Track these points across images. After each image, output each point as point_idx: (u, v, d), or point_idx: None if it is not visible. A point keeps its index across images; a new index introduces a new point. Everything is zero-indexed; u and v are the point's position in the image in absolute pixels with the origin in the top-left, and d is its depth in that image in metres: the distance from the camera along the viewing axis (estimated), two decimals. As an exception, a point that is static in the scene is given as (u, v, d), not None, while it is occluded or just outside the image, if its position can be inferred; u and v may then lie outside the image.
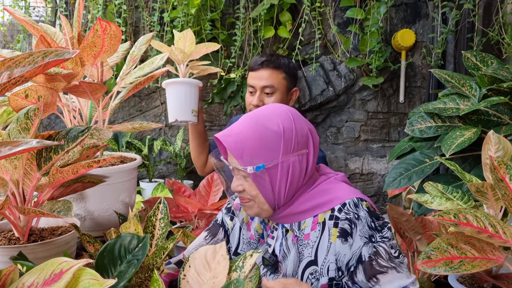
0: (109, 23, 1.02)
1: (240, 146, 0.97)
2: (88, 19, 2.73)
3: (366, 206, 0.96)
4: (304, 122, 1.02)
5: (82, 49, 1.07)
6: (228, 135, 0.99)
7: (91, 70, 1.27)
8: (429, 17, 3.05)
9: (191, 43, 1.61)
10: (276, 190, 0.98)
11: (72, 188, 1.04)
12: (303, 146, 0.99)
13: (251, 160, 0.96)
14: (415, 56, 3.14)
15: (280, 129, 0.97)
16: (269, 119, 0.99)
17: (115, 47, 1.13)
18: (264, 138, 0.96)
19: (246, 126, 0.99)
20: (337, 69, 3.12)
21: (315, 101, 3.11)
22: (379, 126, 3.27)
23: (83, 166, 0.92)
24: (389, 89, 3.20)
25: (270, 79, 1.64)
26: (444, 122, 1.47)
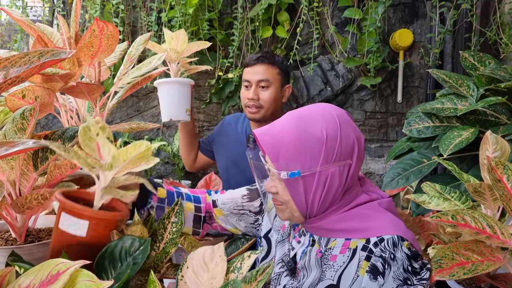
0: (106, 23, 1.02)
1: (276, 148, 0.89)
2: (85, 19, 2.73)
3: (407, 246, 0.86)
4: (352, 129, 0.91)
5: (79, 49, 1.07)
6: (266, 134, 0.91)
7: (89, 70, 1.26)
8: (427, 17, 3.05)
9: (184, 42, 1.61)
10: (310, 200, 0.91)
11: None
12: (346, 156, 0.89)
13: (287, 164, 0.89)
14: (413, 56, 3.14)
15: (323, 136, 0.88)
16: (313, 122, 0.89)
17: (113, 47, 1.12)
18: (304, 143, 0.87)
19: (286, 126, 0.90)
20: (335, 69, 3.12)
21: (313, 101, 3.11)
22: (377, 126, 3.27)
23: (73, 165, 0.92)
24: (387, 89, 3.20)
25: (265, 74, 1.69)
26: (442, 122, 1.47)
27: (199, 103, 3.21)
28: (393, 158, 1.79)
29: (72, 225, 0.82)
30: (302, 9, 2.70)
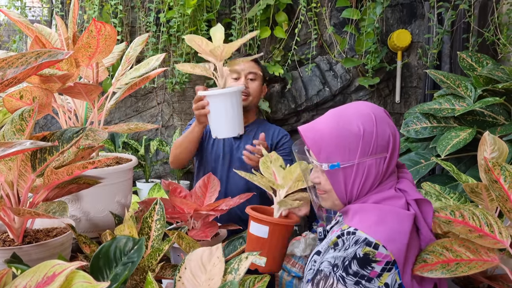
0: (104, 24, 1.02)
1: (318, 143, 0.98)
2: (84, 19, 2.73)
3: (365, 251, 0.88)
4: (387, 125, 0.98)
5: (77, 50, 1.07)
6: (309, 131, 1.00)
7: (87, 71, 1.26)
8: (424, 17, 3.05)
9: (221, 38, 1.35)
10: (349, 189, 0.99)
11: (67, 190, 1.03)
12: (382, 149, 0.97)
13: (328, 157, 0.97)
14: (411, 56, 3.15)
15: (360, 131, 0.95)
16: (351, 119, 0.97)
17: (110, 47, 1.12)
18: (343, 138, 0.96)
19: (327, 123, 0.99)
20: (333, 69, 3.12)
21: (311, 101, 3.11)
22: (375, 126, 3.27)
23: (78, 167, 0.92)
24: (385, 89, 3.20)
25: (253, 68, 1.83)
26: (439, 122, 1.47)
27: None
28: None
29: (257, 230, 1.12)
30: (300, 9, 2.70)
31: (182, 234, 1.22)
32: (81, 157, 1.05)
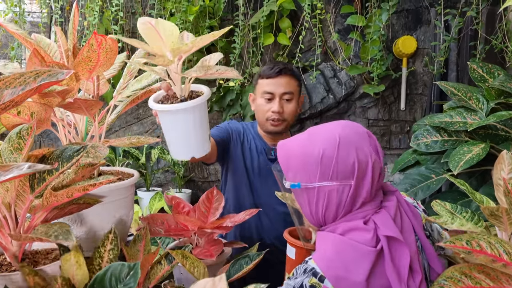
0: (104, 37, 0.99)
1: (286, 160, 0.98)
2: (84, 26, 2.70)
3: (311, 283, 0.87)
4: (354, 150, 0.91)
5: (77, 64, 1.03)
6: (281, 147, 1.01)
7: (87, 84, 1.23)
8: (430, 23, 3.03)
9: (175, 35, 1.01)
10: (313, 212, 0.97)
11: (67, 210, 1.00)
12: (345, 176, 0.92)
13: (294, 176, 0.97)
14: (416, 63, 3.12)
15: (319, 154, 0.92)
16: (316, 140, 0.94)
17: (111, 60, 1.09)
18: (305, 159, 0.94)
19: (298, 141, 0.98)
20: (338, 76, 3.09)
21: (315, 109, 3.08)
22: (380, 134, 3.24)
23: (78, 189, 0.89)
24: (390, 96, 3.17)
25: (289, 86, 1.67)
26: (450, 136, 1.44)
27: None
28: (399, 171, 1.76)
29: (290, 251, 1.24)
30: (305, 16, 2.67)
31: (186, 253, 1.19)
32: (81, 176, 1.02)
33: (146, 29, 1.00)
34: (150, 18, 1.00)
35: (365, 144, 0.94)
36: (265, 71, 1.69)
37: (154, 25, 0.99)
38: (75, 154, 0.97)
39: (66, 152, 0.97)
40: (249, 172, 1.73)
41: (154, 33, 1.00)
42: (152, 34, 1.00)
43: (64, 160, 0.96)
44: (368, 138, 0.96)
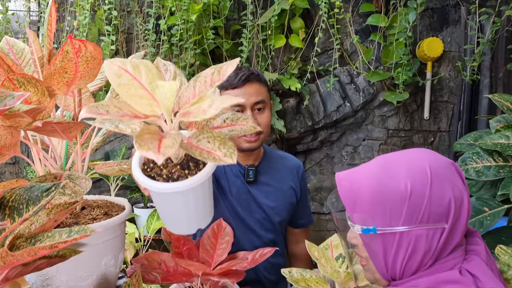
0: (84, 42, 0.79)
1: (353, 197, 0.82)
2: (74, 26, 2.50)
3: None
4: (449, 185, 0.78)
5: (49, 76, 0.83)
6: (345, 179, 0.84)
7: (67, 99, 1.03)
8: (458, 24, 2.82)
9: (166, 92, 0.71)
10: (390, 263, 0.81)
11: (33, 267, 0.79)
12: (438, 218, 0.77)
13: (363, 218, 0.81)
14: (442, 67, 2.91)
15: (407, 191, 0.77)
16: (398, 172, 0.78)
17: (95, 71, 0.89)
18: (383, 196, 0.78)
19: (368, 173, 0.82)
20: (355, 82, 2.88)
21: (330, 118, 2.87)
22: (401, 145, 3.03)
23: (44, 248, 0.68)
24: (413, 104, 2.96)
25: (259, 94, 1.46)
26: (506, 161, 1.23)
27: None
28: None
29: None
30: (322, 15, 2.46)
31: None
32: (54, 221, 0.82)
33: (121, 83, 0.67)
34: (121, 61, 0.68)
35: (456, 177, 0.80)
36: (229, 80, 1.46)
37: (131, 72, 0.69)
38: (44, 194, 0.76)
39: (33, 191, 0.77)
40: (230, 200, 1.50)
41: (135, 87, 0.68)
42: (131, 90, 0.68)
43: (30, 203, 0.76)
44: (455, 169, 0.82)
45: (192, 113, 0.68)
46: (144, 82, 0.70)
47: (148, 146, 0.63)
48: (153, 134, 0.67)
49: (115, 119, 0.66)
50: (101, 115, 0.66)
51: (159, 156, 0.61)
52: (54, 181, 0.89)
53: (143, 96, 0.69)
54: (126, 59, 0.72)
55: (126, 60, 0.71)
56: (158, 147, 0.63)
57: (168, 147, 0.63)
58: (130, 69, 0.69)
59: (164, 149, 0.63)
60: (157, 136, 0.67)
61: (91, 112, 0.65)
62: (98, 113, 0.66)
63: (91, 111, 0.65)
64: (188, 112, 0.70)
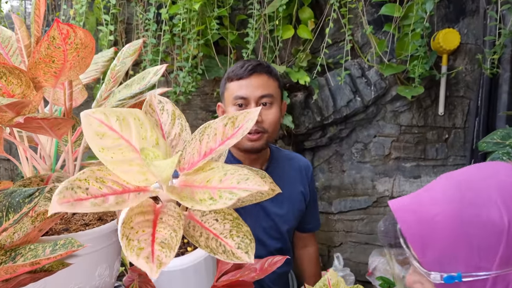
0: (73, 27, 0.70)
1: (424, 233, 0.63)
2: (70, 15, 2.41)
3: None
4: None
5: (34, 65, 0.75)
6: (409, 209, 0.65)
7: (56, 93, 0.94)
8: (475, 14, 2.72)
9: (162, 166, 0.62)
10: None
11: (15, 283, 0.71)
12: None
13: (440, 261, 0.63)
14: (457, 60, 2.81)
15: (503, 222, 0.60)
16: (485, 197, 0.61)
17: (87, 60, 0.81)
18: (470, 229, 0.61)
19: (443, 202, 0.64)
20: (366, 76, 2.79)
21: (340, 114, 2.78)
22: (414, 142, 2.94)
23: (24, 265, 0.60)
24: (427, 99, 2.86)
25: (267, 87, 1.36)
26: (541, 161, 1.14)
27: (206, 114, 2.89)
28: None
29: None
30: (333, 4, 2.36)
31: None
32: (38, 230, 0.73)
33: (104, 147, 0.55)
34: (103, 113, 0.57)
35: None
36: (234, 70, 1.38)
37: (117, 130, 0.56)
38: (26, 200, 0.68)
39: (14, 197, 0.69)
40: (235, 209, 1.41)
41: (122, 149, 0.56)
42: (118, 155, 0.56)
43: (10, 210, 0.68)
44: None
45: (196, 190, 0.53)
46: (134, 142, 0.56)
47: (139, 247, 0.47)
48: (146, 213, 0.53)
49: (98, 205, 0.51)
50: (80, 202, 0.50)
51: (153, 270, 0.45)
52: (40, 184, 0.80)
53: (134, 161, 0.56)
54: (109, 109, 0.57)
55: (109, 110, 0.56)
56: (152, 251, 0.47)
57: (167, 251, 0.47)
58: (116, 126, 0.56)
59: (161, 254, 0.47)
60: (151, 221, 0.52)
61: (65, 200, 0.50)
62: (76, 199, 0.51)
63: (65, 199, 0.50)
64: (190, 183, 0.55)
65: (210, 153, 0.58)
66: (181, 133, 0.67)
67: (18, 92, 0.78)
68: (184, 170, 0.59)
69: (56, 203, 0.50)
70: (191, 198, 0.51)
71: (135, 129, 0.55)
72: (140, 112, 0.57)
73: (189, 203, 0.50)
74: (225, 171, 0.53)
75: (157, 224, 0.52)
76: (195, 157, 0.59)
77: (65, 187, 0.52)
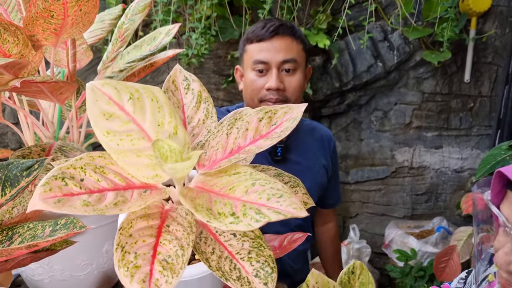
0: (73, -24, 0.62)
1: None
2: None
3: None
4: None
5: (30, 22, 0.67)
6: None
7: (58, 53, 0.87)
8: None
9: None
10: None
11: (15, 263, 0.66)
12: None
13: None
14: (487, 24, 2.67)
15: None
16: None
17: (90, 16, 0.73)
18: None
19: None
20: (389, 40, 2.66)
21: (360, 80, 2.67)
22: (437, 111, 2.84)
23: (20, 248, 0.54)
24: (452, 65, 2.74)
25: (290, 51, 1.25)
26: None
27: (219, 78, 2.80)
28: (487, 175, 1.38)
29: None
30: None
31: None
32: (38, 206, 0.67)
33: (111, 130, 0.46)
34: (114, 87, 0.46)
35: None
36: (255, 31, 1.27)
37: (130, 111, 0.46)
38: (24, 174, 0.62)
39: (11, 170, 0.62)
40: None
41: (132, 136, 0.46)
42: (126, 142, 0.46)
43: (7, 184, 0.62)
44: None
45: (216, 199, 0.43)
46: (148, 128, 0.46)
47: (135, 265, 0.39)
48: (150, 217, 0.44)
49: (91, 205, 0.42)
50: (69, 198, 0.41)
51: None
52: (42, 154, 0.74)
53: (144, 152, 0.46)
54: (122, 83, 0.46)
55: (121, 85, 0.45)
56: (150, 273, 0.39)
57: (169, 275, 0.39)
58: (128, 105, 0.46)
59: (161, 279, 0.39)
60: (155, 228, 0.43)
61: (51, 195, 0.40)
62: (64, 194, 0.41)
63: (51, 192, 0.41)
64: (209, 188, 0.45)
65: (237, 152, 0.48)
66: (205, 120, 0.57)
67: (15, 52, 0.71)
68: (203, 168, 0.49)
69: (38, 198, 0.40)
70: (208, 209, 0.42)
71: (151, 112, 0.46)
72: (160, 92, 0.47)
73: (205, 216, 0.41)
74: (253, 180, 0.43)
75: (162, 234, 0.43)
76: (218, 154, 0.50)
77: (54, 176, 0.42)
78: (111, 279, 0.97)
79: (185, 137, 0.46)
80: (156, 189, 0.47)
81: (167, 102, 0.45)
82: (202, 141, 0.54)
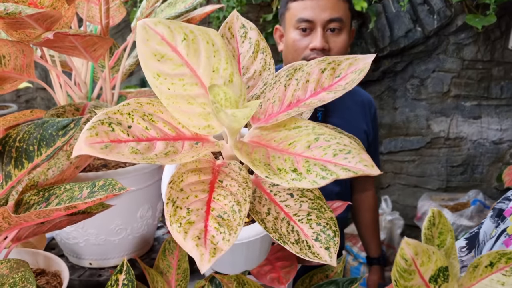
0: None
1: None
2: None
3: None
4: None
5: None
6: None
7: (91, 9, 0.83)
8: None
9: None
10: None
11: (51, 225, 0.64)
12: None
13: None
14: (536, -14, 2.53)
15: None
16: None
17: (127, -32, 0.69)
18: None
19: None
20: (429, 3, 2.55)
21: (397, 45, 2.58)
22: (477, 79, 2.73)
23: (58, 209, 0.52)
24: (496, 30, 2.61)
25: (337, 9, 1.20)
26: None
27: (248, 44, 2.75)
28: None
29: None
30: None
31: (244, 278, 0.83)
32: (75, 168, 0.65)
33: (161, 72, 0.42)
34: (167, 27, 0.42)
35: None
36: None
37: (183, 54, 0.42)
38: (60, 133, 0.59)
39: (46, 129, 0.60)
40: None
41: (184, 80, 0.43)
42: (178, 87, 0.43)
43: (42, 144, 0.60)
44: None
45: (274, 154, 0.40)
46: (202, 74, 0.43)
47: (188, 220, 0.36)
48: (202, 172, 0.41)
49: (140, 153, 0.39)
50: (117, 144, 0.39)
51: (205, 259, 0.34)
52: (76, 114, 0.72)
53: (196, 100, 0.43)
54: (176, 23, 0.42)
55: (175, 25, 0.41)
56: (205, 229, 0.36)
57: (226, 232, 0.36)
58: (182, 47, 0.42)
59: (217, 236, 0.36)
60: (207, 183, 0.40)
61: (98, 140, 0.38)
62: (112, 140, 0.39)
63: (98, 137, 0.38)
64: (266, 142, 0.42)
65: (296, 105, 0.45)
66: (262, 72, 0.53)
67: (47, 4, 0.67)
68: (258, 122, 0.45)
69: (84, 143, 0.37)
70: (266, 164, 0.39)
71: (206, 57, 0.42)
72: (217, 35, 0.43)
73: (263, 171, 0.38)
74: (316, 134, 0.40)
75: (215, 189, 0.40)
76: (275, 107, 0.46)
77: (100, 121, 0.40)
78: (145, 245, 0.96)
79: (241, 86, 0.43)
80: (208, 142, 0.44)
81: (224, 46, 0.42)
82: (257, 94, 0.50)
